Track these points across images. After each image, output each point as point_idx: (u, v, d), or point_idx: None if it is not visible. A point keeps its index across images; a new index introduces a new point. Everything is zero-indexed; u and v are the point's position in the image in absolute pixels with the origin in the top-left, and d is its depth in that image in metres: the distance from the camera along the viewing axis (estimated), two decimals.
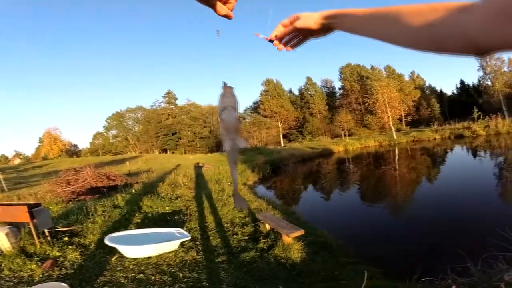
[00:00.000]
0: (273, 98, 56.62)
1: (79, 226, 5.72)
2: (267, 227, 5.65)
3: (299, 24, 0.70)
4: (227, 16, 0.67)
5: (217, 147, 54.94)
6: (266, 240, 5.21)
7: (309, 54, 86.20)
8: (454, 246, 3.85)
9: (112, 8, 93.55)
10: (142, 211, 7.08)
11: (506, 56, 38.94)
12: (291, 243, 4.88)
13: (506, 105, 36.68)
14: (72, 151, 69.44)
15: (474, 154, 17.32)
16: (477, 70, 43.51)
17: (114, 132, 64.72)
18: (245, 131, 55.02)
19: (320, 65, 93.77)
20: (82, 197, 9.16)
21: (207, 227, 6.10)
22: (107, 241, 4.58)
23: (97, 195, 9.28)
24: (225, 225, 6.26)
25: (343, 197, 10.80)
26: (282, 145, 47.11)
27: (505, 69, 39.56)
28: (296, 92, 64.16)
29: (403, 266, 4.47)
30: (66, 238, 5.09)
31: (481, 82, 44.84)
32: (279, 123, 55.55)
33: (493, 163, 13.62)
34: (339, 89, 61.74)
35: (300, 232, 4.84)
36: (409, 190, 10.56)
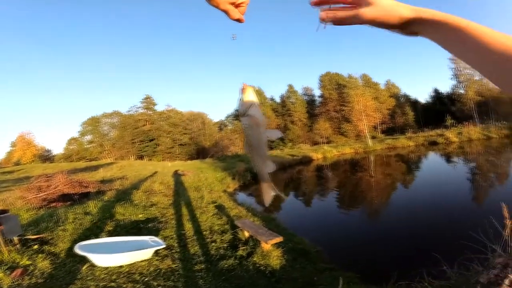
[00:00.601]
0: None
1: (50, 233, 5.48)
2: (246, 234, 5.58)
3: (368, 14, 0.49)
4: (239, 20, 0.64)
5: (197, 154, 54.29)
6: (245, 247, 5.14)
7: (292, 60, 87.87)
8: (430, 250, 3.91)
9: (90, 8, 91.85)
10: (114, 219, 6.82)
11: None
12: (270, 250, 4.84)
13: (477, 112, 38.32)
14: (46, 157, 66.65)
15: (447, 160, 17.98)
16: (450, 78, 45.26)
17: (89, 137, 62.69)
18: (226, 139, 54.76)
19: (303, 72, 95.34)
20: (53, 204, 8.77)
21: (184, 235, 5.94)
22: (77, 250, 4.37)
23: (69, 202, 8.91)
24: (204, 232, 6.13)
25: (321, 204, 10.89)
26: None
27: (477, 77, 41.17)
28: (278, 100, 64.62)
29: (380, 271, 4.51)
30: (36, 246, 4.88)
31: (454, 90, 46.68)
32: None
33: (465, 168, 14.17)
34: (319, 97, 62.72)
35: (279, 239, 4.81)
36: (385, 196, 10.77)
